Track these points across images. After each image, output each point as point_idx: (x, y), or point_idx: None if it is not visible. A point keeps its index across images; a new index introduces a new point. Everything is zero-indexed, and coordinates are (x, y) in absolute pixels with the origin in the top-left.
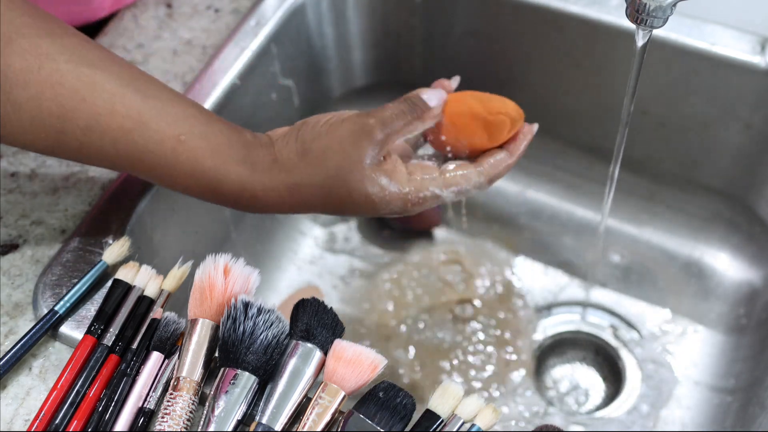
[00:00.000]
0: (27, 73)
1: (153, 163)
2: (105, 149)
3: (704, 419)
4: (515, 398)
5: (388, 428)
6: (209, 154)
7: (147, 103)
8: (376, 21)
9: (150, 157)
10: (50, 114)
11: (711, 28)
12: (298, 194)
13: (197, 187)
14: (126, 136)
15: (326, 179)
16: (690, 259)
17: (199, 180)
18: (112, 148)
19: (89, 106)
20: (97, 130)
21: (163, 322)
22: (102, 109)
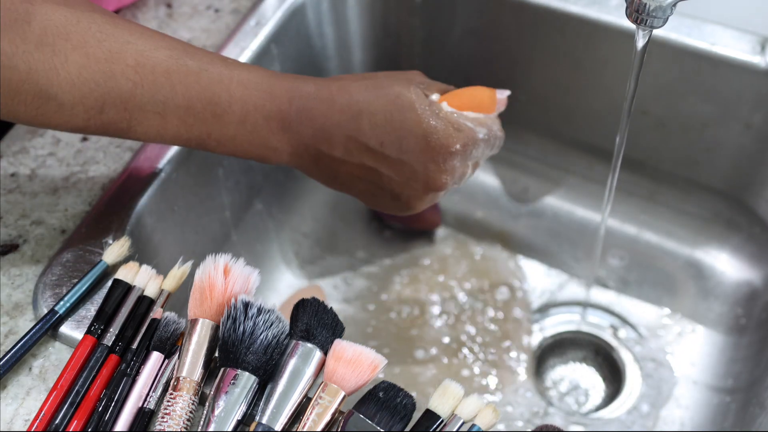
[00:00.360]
0: (67, 25)
1: (210, 81)
2: (159, 83)
3: (704, 419)
4: (515, 398)
5: (388, 428)
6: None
7: (180, 41)
8: (376, 21)
9: (205, 77)
10: (97, 59)
11: (711, 28)
12: (348, 91)
13: (253, 96)
14: (177, 62)
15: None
16: (690, 259)
17: (255, 86)
18: (166, 79)
19: (133, 46)
20: (148, 65)
21: (163, 322)
22: (146, 46)
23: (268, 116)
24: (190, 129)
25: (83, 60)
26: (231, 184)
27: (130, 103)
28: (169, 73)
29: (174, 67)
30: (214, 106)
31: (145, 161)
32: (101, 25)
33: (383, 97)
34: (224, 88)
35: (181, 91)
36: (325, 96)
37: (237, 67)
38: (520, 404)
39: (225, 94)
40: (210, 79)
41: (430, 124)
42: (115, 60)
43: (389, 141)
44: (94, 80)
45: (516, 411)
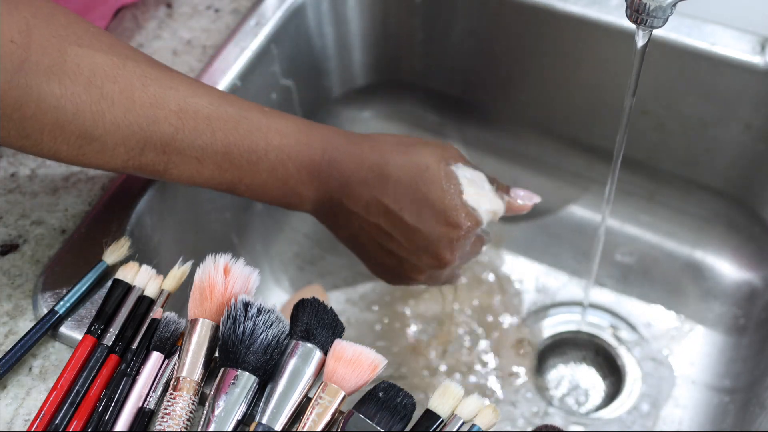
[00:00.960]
0: (114, 68)
1: (247, 130)
2: (200, 129)
3: (704, 419)
4: (515, 398)
5: (388, 428)
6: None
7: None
8: (376, 21)
9: (244, 125)
10: (142, 104)
11: (711, 28)
12: (379, 151)
13: (290, 144)
14: (218, 110)
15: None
16: (690, 259)
17: (291, 135)
18: (207, 125)
19: (176, 91)
20: (190, 111)
21: (163, 322)
22: (188, 92)
23: (301, 165)
24: (224, 174)
25: (129, 104)
26: None
27: (170, 147)
28: (209, 120)
29: (215, 113)
30: (250, 153)
31: None
32: (145, 69)
33: (413, 166)
34: (262, 135)
35: (220, 137)
36: (357, 151)
37: (274, 116)
38: (520, 404)
39: (263, 141)
40: (249, 126)
41: (452, 203)
42: (159, 105)
43: (409, 208)
44: (138, 123)
45: (516, 411)
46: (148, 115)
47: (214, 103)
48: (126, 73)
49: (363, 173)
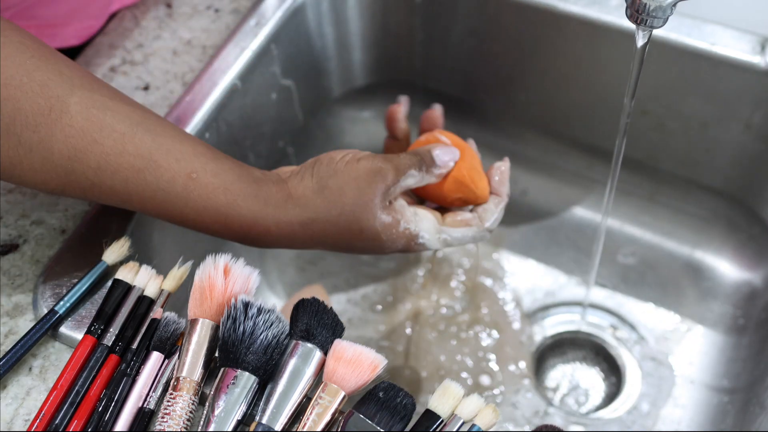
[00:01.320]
0: (37, 116)
1: (164, 201)
2: (116, 189)
3: (704, 419)
4: (515, 398)
5: (388, 428)
6: (221, 190)
7: (156, 142)
8: (376, 21)
9: (161, 195)
10: (61, 155)
11: (711, 28)
12: (311, 229)
13: (208, 222)
14: (137, 175)
15: (341, 215)
16: (690, 259)
17: (210, 216)
18: (123, 187)
19: (99, 147)
20: (108, 170)
21: (163, 322)
22: (112, 149)
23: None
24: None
25: (47, 153)
26: None
27: (89, 194)
28: (126, 182)
29: (133, 177)
30: (168, 218)
31: None
32: (73, 117)
33: (347, 233)
34: (178, 210)
35: (136, 200)
36: (287, 233)
37: (195, 190)
38: (520, 404)
39: (178, 215)
40: (165, 199)
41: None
42: (78, 159)
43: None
44: (56, 171)
45: (516, 411)
46: (65, 167)
47: (136, 166)
48: (49, 121)
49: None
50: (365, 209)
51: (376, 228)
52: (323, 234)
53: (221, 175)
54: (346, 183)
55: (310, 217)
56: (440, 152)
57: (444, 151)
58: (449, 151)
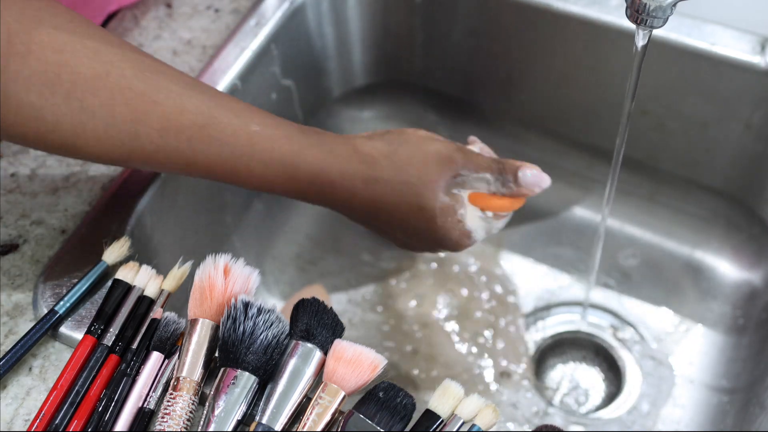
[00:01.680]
0: (96, 79)
1: (230, 156)
2: (181, 149)
3: (704, 419)
4: (515, 398)
5: (388, 428)
6: (285, 140)
7: (213, 100)
8: (376, 21)
9: (227, 150)
10: (124, 119)
11: (711, 28)
12: (372, 189)
13: (275, 175)
14: (201, 131)
15: (404, 184)
16: (690, 259)
17: (276, 167)
18: (188, 146)
19: (161, 107)
20: (172, 130)
21: (163, 322)
22: (173, 109)
23: (287, 192)
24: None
25: (110, 119)
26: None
27: (153, 161)
28: (191, 141)
29: (197, 135)
30: (232, 175)
31: None
32: (130, 80)
33: (406, 205)
34: (244, 164)
35: (201, 159)
36: (349, 187)
37: (261, 142)
38: (520, 404)
39: (244, 170)
40: (231, 154)
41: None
42: (141, 122)
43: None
44: (120, 138)
45: (516, 411)
46: (129, 131)
47: (198, 123)
48: (108, 85)
49: (354, 207)
50: (428, 186)
51: (435, 209)
52: (383, 199)
53: (282, 127)
54: (415, 155)
55: (374, 176)
56: (530, 174)
57: (535, 174)
58: (540, 178)
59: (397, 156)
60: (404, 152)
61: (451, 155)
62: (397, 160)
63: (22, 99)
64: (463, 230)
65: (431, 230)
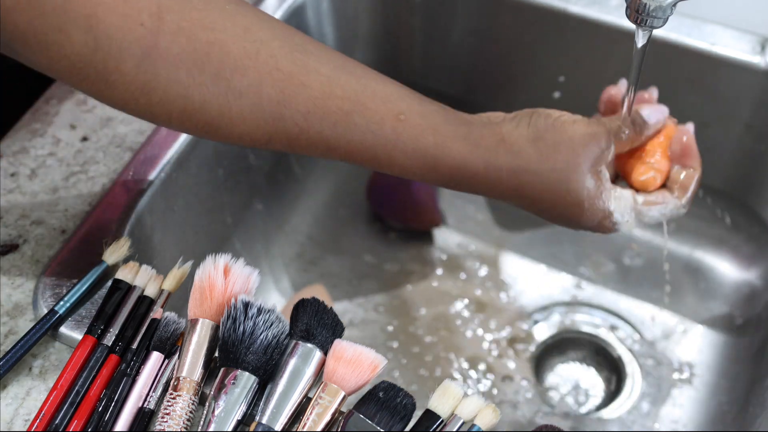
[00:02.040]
0: (245, 59)
1: (373, 144)
2: (324, 134)
3: (704, 419)
4: (515, 398)
5: (388, 428)
6: (430, 131)
7: (361, 83)
8: (376, 21)
9: (371, 138)
10: (270, 100)
11: (711, 28)
12: (518, 179)
13: (417, 166)
14: (346, 118)
15: (552, 171)
16: (690, 259)
17: (419, 159)
18: (332, 131)
19: (308, 90)
20: (317, 114)
21: (163, 322)
22: (319, 92)
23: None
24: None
25: (256, 99)
26: (231, 184)
27: (296, 143)
28: (335, 126)
29: (342, 120)
30: (374, 162)
31: (145, 161)
32: (279, 60)
33: (553, 192)
34: (386, 153)
35: (343, 144)
36: (494, 178)
37: (406, 131)
38: (520, 404)
39: (386, 158)
40: (374, 142)
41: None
42: (287, 104)
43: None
44: (264, 119)
45: (516, 411)
46: (274, 113)
47: (344, 108)
48: (257, 65)
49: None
50: (576, 170)
51: (582, 193)
52: (529, 187)
53: (429, 117)
54: (562, 140)
55: (521, 165)
56: (650, 111)
57: (654, 110)
58: (659, 110)
59: (544, 143)
60: (551, 138)
61: (594, 133)
62: (543, 147)
63: (171, 77)
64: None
65: (576, 216)
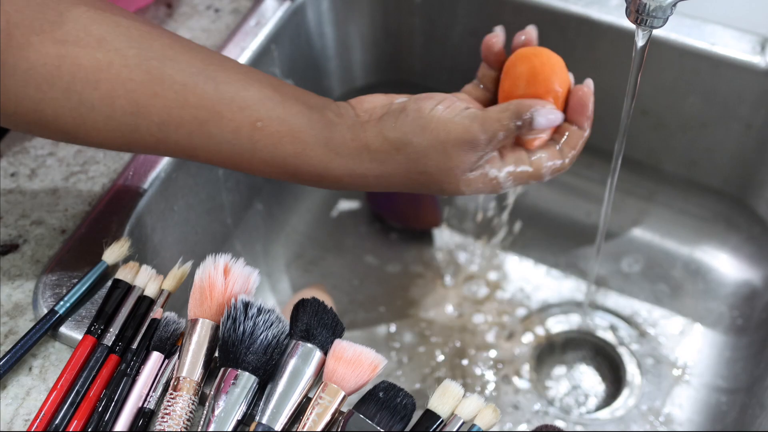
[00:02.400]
0: (97, 71)
1: (231, 154)
2: (181, 143)
3: (704, 419)
4: (515, 398)
5: (388, 428)
6: (288, 139)
7: (219, 91)
8: (376, 21)
9: (227, 148)
10: (123, 112)
11: (711, 28)
12: (386, 182)
13: (276, 173)
14: (201, 128)
15: (422, 174)
16: (690, 259)
17: (278, 166)
18: (188, 141)
19: (161, 100)
20: (172, 125)
21: (163, 322)
22: (174, 102)
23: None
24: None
25: (110, 111)
26: (231, 184)
27: (155, 151)
28: (191, 136)
29: (197, 130)
30: (238, 169)
31: (146, 161)
32: (132, 70)
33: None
34: (245, 160)
35: (202, 153)
36: (360, 183)
37: (262, 140)
38: (520, 404)
39: (246, 165)
40: (232, 151)
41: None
42: (141, 115)
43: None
44: (120, 130)
45: (516, 411)
46: (129, 124)
47: (200, 117)
48: (109, 77)
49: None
50: (449, 174)
51: (459, 188)
52: (399, 186)
53: (289, 122)
54: (432, 146)
55: (388, 172)
56: (541, 118)
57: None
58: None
59: (413, 148)
60: (420, 144)
61: (472, 138)
62: (412, 153)
63: (20, 93)
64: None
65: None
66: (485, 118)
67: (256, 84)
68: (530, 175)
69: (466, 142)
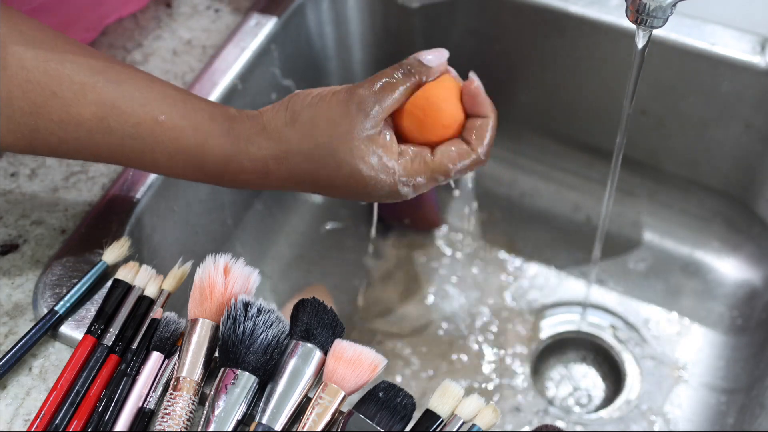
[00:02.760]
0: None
1: (133, 148)
2: (83, 141)
3: (704, 419)
4: (515, 398)
5: (388, 428)
6: (191, 131)
7: (120, 89)
8: (376, 21)
9: (129, 142)
10: (23, 112)
11: (711, 28)
12: (285, 165)
13: (182, 166)
14: (100, 123)
15: (315, 148)
16: (690, 259)
17: (182, 159)
18: (90, 138)
19: (59, 100)
20: (71, 123)
21: (163, 322)
22: (72, 101)
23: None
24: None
25: (9, 111)
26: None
27: (59, 151)
28: (92, 133)
29: (97, 127)
30: (141, 166)
31: None
32: (30, 71)
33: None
34: (148, 156)
35: (105, 151)
36: (261, 170)
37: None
38: (520, 404)
39: (150, 161)
40: (133, 146)
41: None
42: (40, 115)
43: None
44: (20, 131)
45: (516, 411)
46: (29, 124)
47: (99, 114)
48: (7, 77)
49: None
50: (341, 141)
51: (354, 162)
52: (299, 170)
53: (191, 116)
54: (319, 114)
55: (283, 149)
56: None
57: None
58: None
59: (301, 122)
60: (307, 116)
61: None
62: (301, 127)
63: None
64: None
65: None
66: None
67: (161, 85)
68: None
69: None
